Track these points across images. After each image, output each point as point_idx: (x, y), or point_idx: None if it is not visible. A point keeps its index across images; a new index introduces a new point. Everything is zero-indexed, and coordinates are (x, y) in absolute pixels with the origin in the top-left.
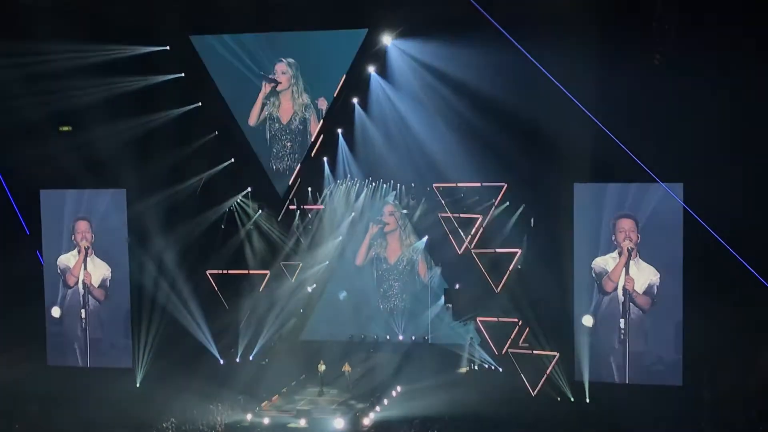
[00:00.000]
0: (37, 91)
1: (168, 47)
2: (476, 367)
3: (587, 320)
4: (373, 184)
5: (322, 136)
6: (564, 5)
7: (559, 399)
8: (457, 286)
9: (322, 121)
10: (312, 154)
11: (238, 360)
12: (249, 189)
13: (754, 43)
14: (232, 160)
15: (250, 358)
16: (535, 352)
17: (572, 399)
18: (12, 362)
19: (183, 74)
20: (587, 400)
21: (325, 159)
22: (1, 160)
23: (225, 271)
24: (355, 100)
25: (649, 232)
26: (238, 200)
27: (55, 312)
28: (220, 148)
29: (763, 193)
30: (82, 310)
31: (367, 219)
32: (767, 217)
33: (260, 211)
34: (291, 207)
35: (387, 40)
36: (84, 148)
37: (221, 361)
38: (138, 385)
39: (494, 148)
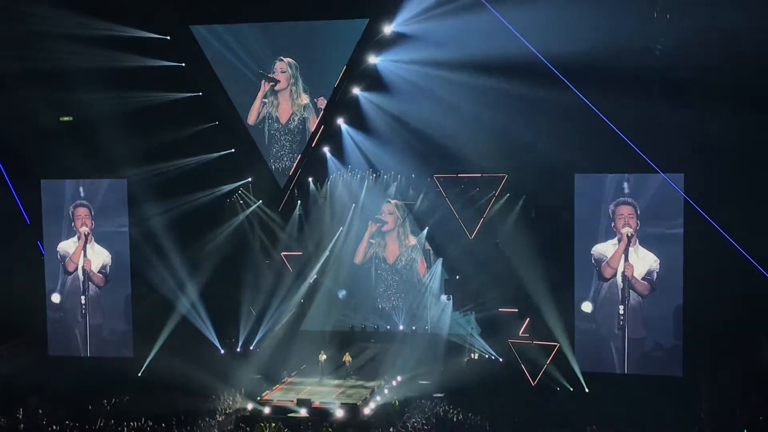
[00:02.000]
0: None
1: (168, 37)
2: (476, 357)
3: (586, 306)
4: (374, 175)
5: (323, 126)
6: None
7: (558, 389)
8: (458, 277)
9: (322, 112)
10: (312, 144)
11: (239, 350)
12: (250, 179)
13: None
14: (233, 150)
15: (251, 347)
16: (535, 342)
17: (571, 389)
18: (13, 352)
19: (183, 64)
20: (586, 390)
21: (326, 149)
22: (2, 151)
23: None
24: (356, 91)
25: (649, 219)
26: (240, 191)
27: (55, 298)
28: (221, 137)
29: (763, 183)
30: (82, 297)
31: (367, 211)
32: (766, 206)
33: (260, 201)
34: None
35: (388, 29)
36: (82, 136)
37: (221, 351)
38: (140, 374)
39: (495, 139)
